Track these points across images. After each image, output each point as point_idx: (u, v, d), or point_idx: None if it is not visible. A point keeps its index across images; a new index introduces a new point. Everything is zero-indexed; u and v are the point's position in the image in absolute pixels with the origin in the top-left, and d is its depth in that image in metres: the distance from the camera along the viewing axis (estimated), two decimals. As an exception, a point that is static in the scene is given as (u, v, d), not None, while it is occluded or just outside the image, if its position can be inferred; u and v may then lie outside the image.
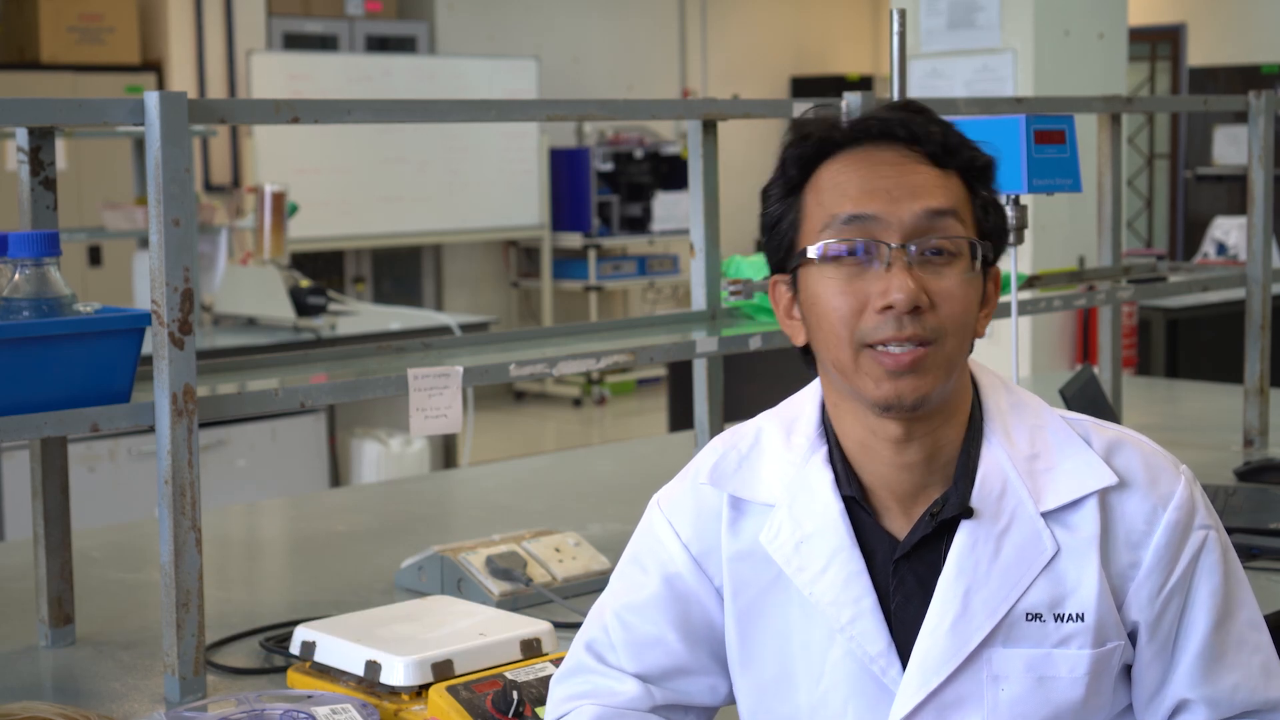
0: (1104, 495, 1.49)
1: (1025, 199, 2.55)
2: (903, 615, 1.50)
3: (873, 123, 1.51)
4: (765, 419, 1.62)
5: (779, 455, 1.57)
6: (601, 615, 1.63)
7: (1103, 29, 5.99)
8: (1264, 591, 2.39)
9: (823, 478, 1.53)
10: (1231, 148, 11.70)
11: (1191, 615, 1.51)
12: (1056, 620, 1.47)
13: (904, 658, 1.49)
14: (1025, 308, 3.01)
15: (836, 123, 1.52)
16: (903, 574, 1.51)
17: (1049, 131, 2.49)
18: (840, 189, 1.49)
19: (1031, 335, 6.00)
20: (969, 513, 1.48)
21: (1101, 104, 3.23)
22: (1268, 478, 3.05)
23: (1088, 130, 3.72)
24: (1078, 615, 1.47)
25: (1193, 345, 6.51)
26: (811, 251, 1.48)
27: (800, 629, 1.53)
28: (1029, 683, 1.47)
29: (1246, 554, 2.52)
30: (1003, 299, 2.87)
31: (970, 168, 1.51)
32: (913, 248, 1.46)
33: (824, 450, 1.55)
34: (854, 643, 1.49)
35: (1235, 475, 3.08)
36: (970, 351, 1.53)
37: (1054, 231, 5.82)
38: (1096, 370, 3.29)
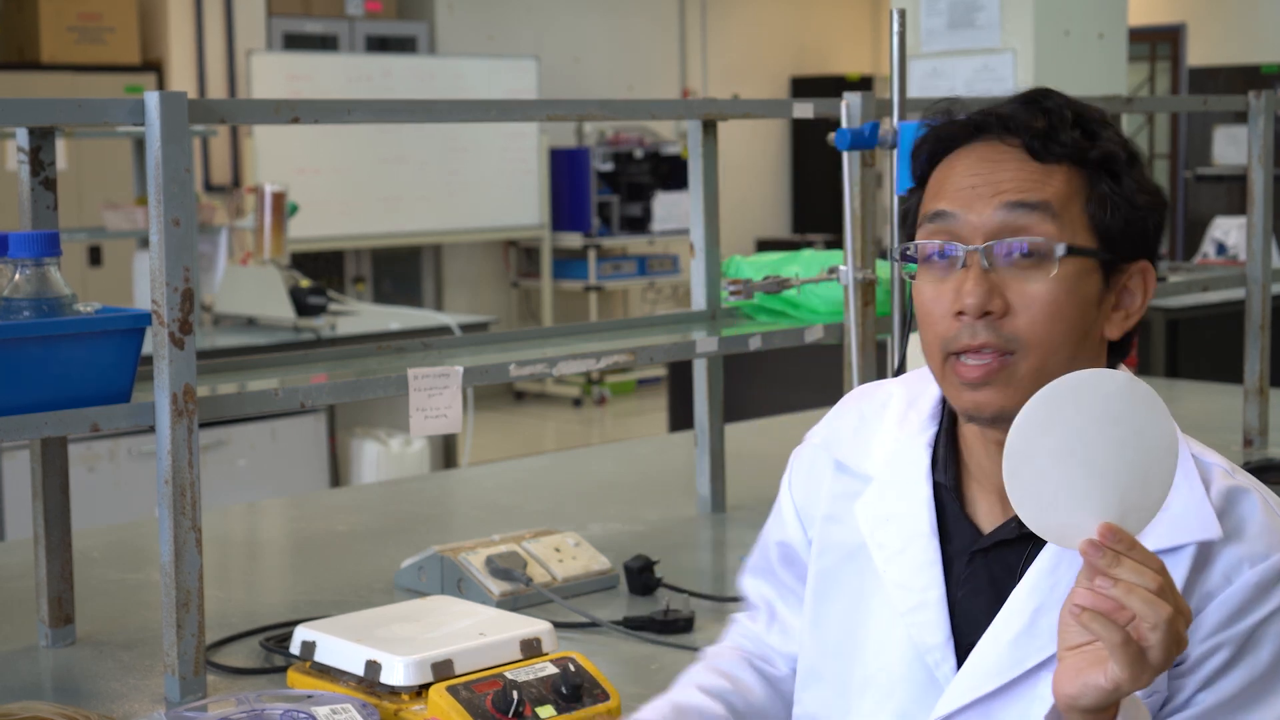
0: (1203, 545, 1.39)
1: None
2: (967, 607, 1.46)
3: (979, 117, 1.46)
4: (899, 384, 1.60)
5: (892, 428, 1.55)
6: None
7: (1103, 29, 5.99)
8: (1264, 591, 2.39)
9: (921, 460, 1.52)
10: (1231, 148, 11.70)
11: (1229, 674, 1.38)
12: None
13: (959, 648, 1.46)
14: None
15: (956, 118, 1.48)
16: (976, 567, 1.47)
17: (1049, 131, 2.48)
18: (939, 186, 1.46)
19: (1031, 335, 5.99)
20: None
21: (1101, 104, 3.23)
22: (1268, 478, 3.04)
23: (1088, 130, 3.71)
24: None
25: (1193, 345, 6.51)
26: (901, 251, 1.46)
27: (871, 602, 1.52)
28: None
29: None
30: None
31: (1083, 160, 1.42)
32: (992, 248, 1.40)
33: (932, 432, 1.53)
34: (913, 629, 1.48)
35: (1235, 475, 3.08)
36: (1096, 358, 1.44)
37: (1054, 231, 5.82)
38: (1096, 370, 3.29)
